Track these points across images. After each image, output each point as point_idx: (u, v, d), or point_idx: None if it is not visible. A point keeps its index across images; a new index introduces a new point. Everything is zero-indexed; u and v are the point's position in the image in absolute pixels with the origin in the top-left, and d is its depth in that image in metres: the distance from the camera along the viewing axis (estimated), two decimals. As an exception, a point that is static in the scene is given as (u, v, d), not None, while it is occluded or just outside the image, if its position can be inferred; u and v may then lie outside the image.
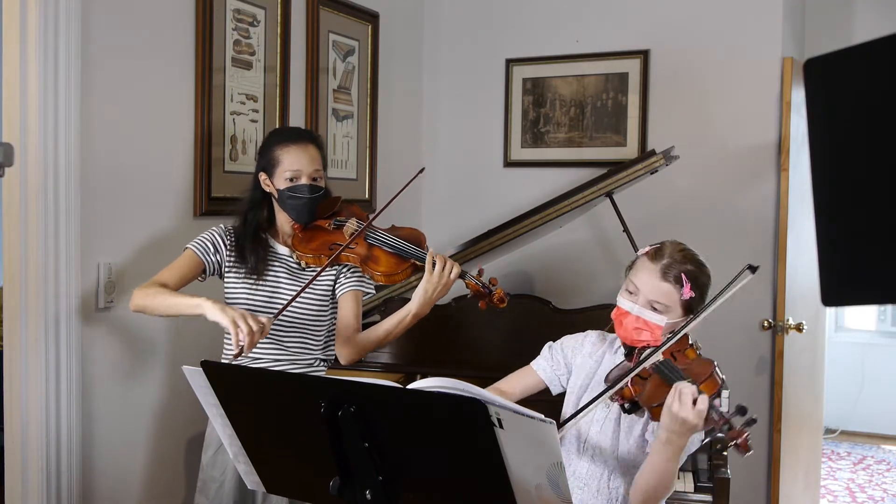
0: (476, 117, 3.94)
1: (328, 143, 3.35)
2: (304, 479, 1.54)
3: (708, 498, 2.48)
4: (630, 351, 1.84)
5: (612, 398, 1.75)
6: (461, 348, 3.00)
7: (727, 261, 3.45)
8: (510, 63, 3.84)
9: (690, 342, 1.79)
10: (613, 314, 1.85)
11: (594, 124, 3.69)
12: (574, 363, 1.95)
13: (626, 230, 2.98)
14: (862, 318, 6.47)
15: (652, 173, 2.93)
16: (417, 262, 2.19)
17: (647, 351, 1.76)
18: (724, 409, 1.58)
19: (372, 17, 3.57)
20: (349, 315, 2.24)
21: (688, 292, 1.78)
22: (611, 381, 1.78)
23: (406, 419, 1.35)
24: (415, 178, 2.29)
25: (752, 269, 1.74)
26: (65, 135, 2.25)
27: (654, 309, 1.79)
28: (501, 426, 1.24)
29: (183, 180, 2.67)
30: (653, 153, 2.95)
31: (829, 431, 6.01)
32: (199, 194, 2.70)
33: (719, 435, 1.52)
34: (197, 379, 1.52)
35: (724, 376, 1.67)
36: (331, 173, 3.36)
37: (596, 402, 1.74)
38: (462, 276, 2.17)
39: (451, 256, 2.97)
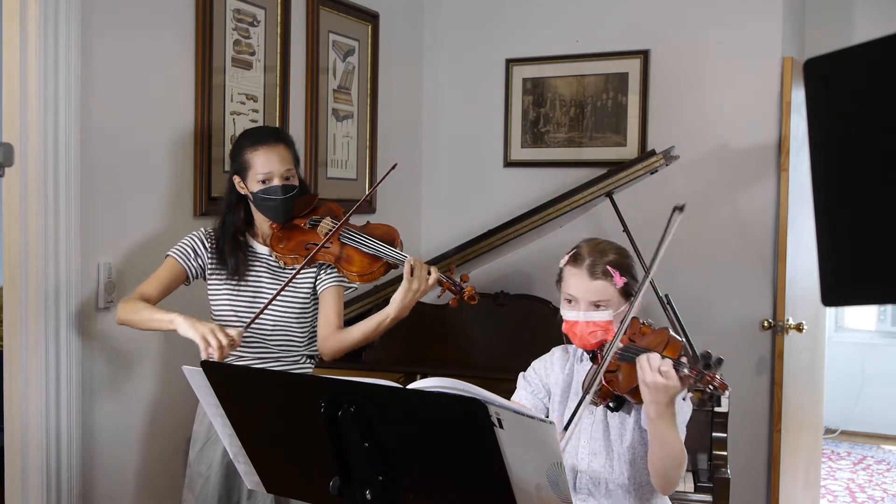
0: (476, 117, 3.93)
1: (328, 144, 3.35)
2: (304, 479, 1.54)
3: (708, 498, 2.48)
4: (594, 355, 1.88)
5: (594, 403, 1.77)
6: (461, 348, 3.00)
7: (727, 261, 3.48)
8: (510, 63, 3.84)
9: (641, 321, 1.85)
10: (564, 328, 1.89)
11: (594, 124, 3.69)
12: (550, 381, 1.98)
13: (626, 230, 2.98)
14: (862, 318, 6.46)
15: (652, 173, 2.93)
16: (389, 262, 2.21)
17: (607, 346, 1.80)
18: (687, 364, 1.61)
19: (372, 17, 3.57)
20: (330, 312, 2.26)
21: (619, 280, 1.83)
22: (587, 386, 1.81)
23: (406, 419, 1.35)
24: (388, 173, 2.31)
25: (680, 209, 1.77)
26: (65, 135, 2.25)
27: (598, 307, 1.84)
28: (501, 426, 1.24)
29: (183, 180, 2.67)
30: (653, 153, 2.95)
31: (829, 431, 6.01)
32: (199, 194, 2.70)
33: (699, 386, 1.55)
34: (197, 379, 1.52)
35: (680, 338, 1.73)
36: (331, 173, 3.36)
37: (581, 408, 1.76)
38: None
39: (449, 257, 2.99)
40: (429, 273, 2.16)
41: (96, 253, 2.39)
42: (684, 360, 1.60)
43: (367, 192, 3.60)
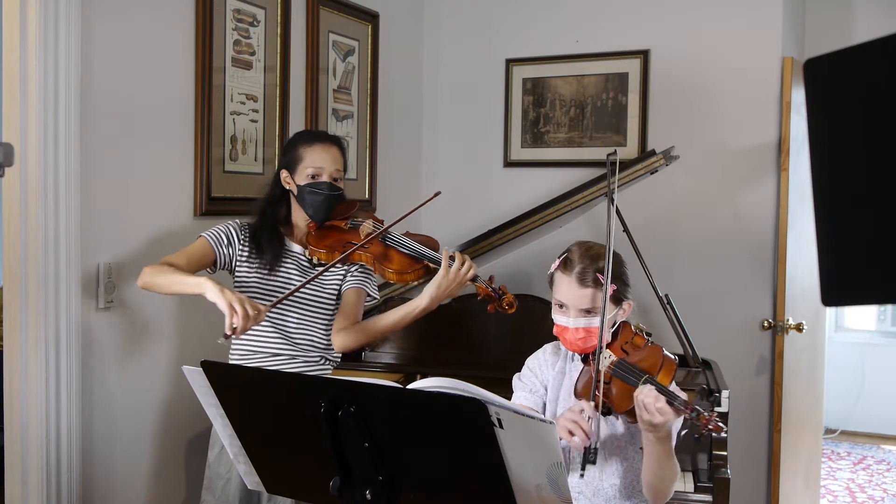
0: (476, 117, 3.93)
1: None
2: (304, 479, 1.54)
3: (708, 498, 2.48)
4: (586, 357, 1.88)
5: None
6: (461, 348, 3.00)
7: (727, 261, 3.48)
8: (510, 63, 3.84)
9: (633, 329, 1.84)
10: (555, 331, 1.88)
11: (594, 124, 3.69)
12: (546, 377, 1.97)
13: (626, 230, 2.98)
14: (862, 318, 6.46)
15: (652, 173, 2.93)
16: (431, 264, 2.23)
17: (596, 351, 1.80)
18: (683, 395, 1.66)
19: (372, 17, 3.57)
20: (351, 307, 2.29)
21: (609, 288, 1.80)
22: (580, 392, 1.83)
23: (406, 419, 1.35)
24: (430, 199, 2.34)
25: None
26: (65, 135, 2.24)
27: (589, 313, 1.82)
28: (501, 426, 1.24)
29: (183, 180, 2.67)
30: (653, 153, 2.95)
31: (829, 431, 6.01)
32: (199, 194, 2.70)
33: (696, 423, 1.61)
34: (197, 379, 1.52)
35: (674, 356, 1.76)
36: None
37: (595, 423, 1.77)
38: (474, 278, 2.21)
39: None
40: (469, 267, 2.18)
41: (96, 253, 2.39)
42: (678, 392, 1.64)
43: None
